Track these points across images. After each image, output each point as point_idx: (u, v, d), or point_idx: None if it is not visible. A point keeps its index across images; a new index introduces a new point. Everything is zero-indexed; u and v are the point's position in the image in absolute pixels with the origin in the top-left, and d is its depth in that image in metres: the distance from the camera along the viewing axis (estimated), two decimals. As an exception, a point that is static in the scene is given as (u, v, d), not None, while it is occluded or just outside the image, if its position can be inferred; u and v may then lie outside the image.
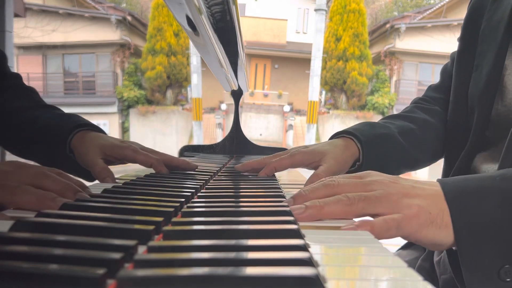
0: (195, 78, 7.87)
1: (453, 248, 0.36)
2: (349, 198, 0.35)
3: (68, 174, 0.42)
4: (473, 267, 0.34)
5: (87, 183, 0.58)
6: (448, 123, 0.66)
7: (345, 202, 0.35)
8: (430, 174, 7.95)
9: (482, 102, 0.55)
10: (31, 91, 0.71)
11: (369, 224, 0.33)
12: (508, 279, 0.33)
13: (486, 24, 0.57)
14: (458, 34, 0.66)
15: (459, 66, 0.62)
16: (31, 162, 0.53)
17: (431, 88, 0.75)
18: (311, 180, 0.52)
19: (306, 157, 0.58)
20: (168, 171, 0.59)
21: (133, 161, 0.60)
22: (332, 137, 0.64)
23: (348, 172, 0.59)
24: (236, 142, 1.06)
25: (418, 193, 0.36)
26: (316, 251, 0.26)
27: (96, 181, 0.59)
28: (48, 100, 0.71)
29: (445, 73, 0.72)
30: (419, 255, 0.66)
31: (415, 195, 0.36)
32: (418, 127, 0.65)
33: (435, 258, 0.62)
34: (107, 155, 0.58)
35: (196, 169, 0.65)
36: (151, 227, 0.28)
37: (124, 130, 10.83)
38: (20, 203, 0.34)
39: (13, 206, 0.34)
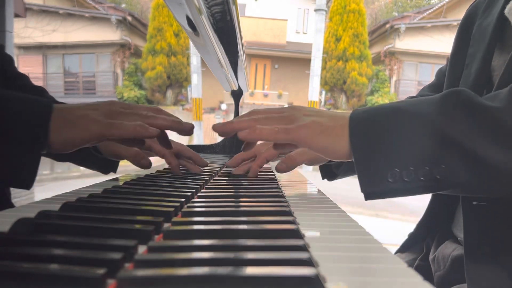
0: (195, 78, 7.87)
1: (344, 160, 0.43)
2: (258, 117, 0.44)
3: (165, 110, 0.47)
4: (366, 171, 0.39)
5: (87, 184, 0.58)
6: None
7: (254, 119, 0.44)
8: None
9: None
10: (41, 90, 0.72)
11: (258, 128, 0.42)
12: (391, 180, 0.38)
13: (477, 29, 0.61)
14: (457, 34, 0.69)
15: (452, 65, 0.66)
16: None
17: (424, 89, 0.79)
18: (283, 160, 0.60)
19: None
20: (178, 164, 0.62)
21: (149, 148, 0.62)
22: None
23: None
24: (236, 142, 1.06)
25: (319, 114, 0.43)
26: (316, 250, 0.26)
27: (106, 177, 0.60)
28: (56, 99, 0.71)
29: (440, 73, 0.76)
30: (416, 257, 0.67)
31: (315, 115, 0.43)
32: None
33: (430, 256, 0.63)
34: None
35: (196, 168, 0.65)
36: (151, 227, 0.28)
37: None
38: (155, 124, 0.43)
39: (118, 135, 0.41)
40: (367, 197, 0.40)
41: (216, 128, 0.45)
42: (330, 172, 0.68)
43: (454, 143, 0.38)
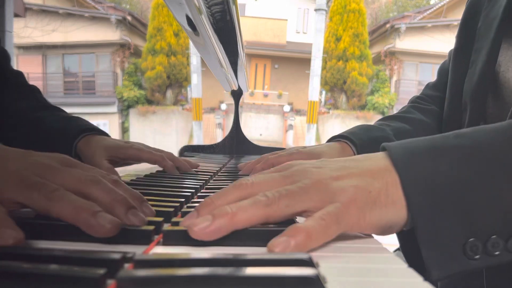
0: (195, 78, 7.87)
1: (404, 228, 0.30)
2: (267, 196, 0.28)
3: (125, 185, 0.33)
4: (435, 245, 0.27)
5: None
6: (444, 119, 0.66)
7: (263, 202, 0.27)
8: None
9: (474, 97, 0.55)
10: (34, 90, 0.71)
11: (303, 230, 0.25)
12: (476, 256, 0.27)
13: (483, 21, 0.57)
14: (457, 33, 0.67)
15: (455, 63, 0.63)
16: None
17: (429, 86, 0.76)
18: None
19: (304, 157, 0.59)
20: (174, 165, 0.60)
21: (138, 159, 0.61)
22: (328, 141, 0.65)
23: None
24: (236, 142, 1.06)
25: (351, 172, 0.30)
26: (315, 251, 0.26)
27: None
28: (48, 100, 0.71)
29: (442, 70, 0.72)
30: None
31: (348, 176, 0.30)
32: (414, 128, 0.66)
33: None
34: (112, 156, 0.59)
35: (196, 169, 0.65)
36: (151, 227, 0.28)
37: (124, 130, 10.83)
38: (53, 211, 0.27)
39: (44, 213, 0.27)
40: (440, 280, 0.29)
41: (198, 231, 0.26)
42: None
43: None
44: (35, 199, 0.27)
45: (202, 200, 0.41)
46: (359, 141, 0.59)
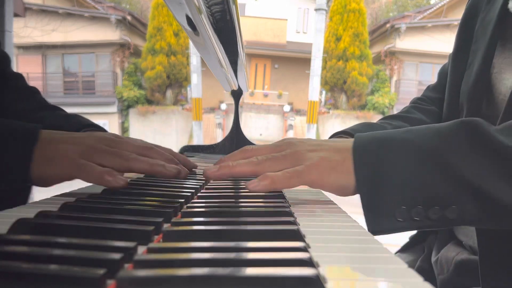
0: (195, 78, 7.87)
1: (353, 194, 0.40)
2: (258, 159, 0.41)
3: (162, 150, 0.47)
4: (372, 208, 0.37)
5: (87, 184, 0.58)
6: (443, 119, 0.67)
7: (254, 162, 0.41)
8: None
9: (470, 98, 0.56)
10: (34, 91, 0.71)
11: (270, 176, 0.38)
12: (400, 219, 0.37)
13: (480, 24, 0.58)
14: (458, 33, 0.67)
15: (454, 64, 0.63)
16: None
17: (429, 88, 0.77)
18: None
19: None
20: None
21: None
22: (331, 137, 0.66)
23: None
24: (236, 142, 1.06)
25: (323, 148, 0.41)
26: (316, 251, 0.26)
27: None
28: (48, 100, 0.71)
29: (442, 73, 0.74)
30: (417, 257, 0.67)
31: (319, 149, 0.40)
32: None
33: (433, 258, 0.63)
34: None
35: (196, 169, 0.65)
36: (151, 228, 0.28)
37: (124, 130, 10.83)
38: (134, 168, 0.41)
39: (125, 170, 0.41)
40: (373, 233, 0.37)
41: (210, 174, 0.42)
42: None
43: (467, 184, 0.36)
44: (117, 162, 0.40)
45: (202, 200, 0.42)
46: None
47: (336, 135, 0.64)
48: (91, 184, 0.54)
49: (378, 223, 0.37)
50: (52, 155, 0.39)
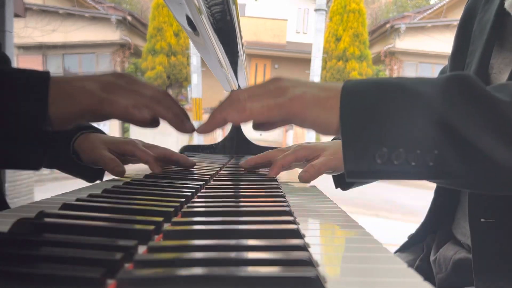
0: (195, 78, 7.87)
1: (336, 134, 0.39)
2: (240, 97, 0.39)
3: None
4: (353, 147, 0.36)
5: (87, 184, 0.58)
6: None
7: (236, 101, 0.39)
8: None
9: None
10: None
11: (247, 108, 0.38)
12: (379, 161, 0.35)
13: (478, 24, 0.58)
14: (458, 34, 0.67)
15: (453, 65, 0.63)
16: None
17: None
18: (306, 169, 0.58)
19: (309, 152, 0.61)
20: (161, 171, 0.60)
21: (133, 154, 0.62)
22: (334, 138, 0.67)
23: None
24: (236, 142, 1.06)
25: (310, 85, 0.39)
26: (316, 251, 0.26)
27: (105, 178, 0.60)
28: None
29: (443, 73, 0.73)
30: (416, 257, 0.67)
31: (305, 86, 0.39)
32: None
33: (431, 258, 0.63)
34: (110, 150, 0.60)
35: (196, 169, 0.65)
36: (151, 227, 0.28)
37: (124, 130, 10.82)
38: (159, 112, 0.40)
39: (143, 110, 0.39)
40: (350, 176, 0.36)
41: (202, 129, 0.41)
42: (343, 181, 0.66)
43: (451, 130, 0.35)
44: (137, 99, 0.40)
45: (202, 200, 0.42)
46: None
47: (338, 138, 0.65)
48: (90, 184, 0.55)
49: (357, 163, 0.35)
50: (70, 91, 0.38)
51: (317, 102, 0.38)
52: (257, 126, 0.43)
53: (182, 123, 0.42)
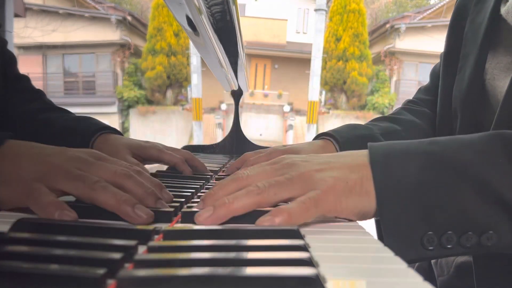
0: (195, 78, 7.87)
1: (374, 218, 0.35)
2: (259, 187, 0.33)
3: (148, 174, 0.39)
4: (396, 234, 0.32)
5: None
6: (436, 124, 0.65)
7: (255, 191, 0.32)
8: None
9: (465, 105, 0.55)
10: (41, 93, 0.71)
11: (285, 210, 0.31)
12: (430, 247, 0.32)
13: (469, 26, 0.57)
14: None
15: (445, 67, 0.62)
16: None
17: (421, 90, 0.75)
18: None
19: (282, 155, 0.58)
20: (191, 170, 0.60)
21: (158, 160, 0.61)
22: (314, 138, 0.64)
23: None
24: (236, 142, 1.06)
25: (332, 166, 0.35)
26: (316, 250, 0.26)
27: None
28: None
29: (434, 74, 0.72)
30: None
31: (329, 168, 0.34)
32: (404, 128, 0.64)
33: (433, 260, 0.62)
34: (134, 154, 0.59)
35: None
36: (151, 227, 0.28)
37: (124, 130, 10.82)
38: (98, 200, 0.32)
39: (89, 201, 0.32)
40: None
41: (203, 220, 0.31)
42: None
43: (507, 206, 0.31)
44: (80, 189, 0.32)
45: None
46: (342, 138, 0.58)
47: (319, 137, 0.62)
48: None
49: (404, 252, 0.31)
50: (6, 176, 0.34)
51: (351, 189, 0.33)
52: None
53: (132, 216, 0.31)
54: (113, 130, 0.63)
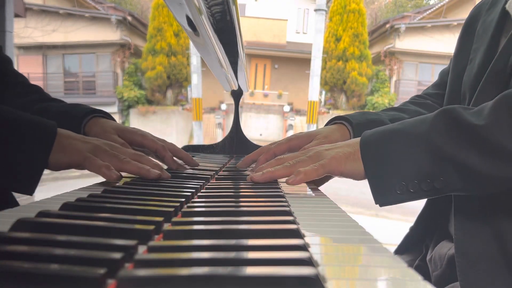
0: (195, 78, 7.87)
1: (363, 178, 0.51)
2: (290, 163, 0.52)
3: (148, 157, 0.55)
4: (377, 185, 0.48)
5: (87, 184, 0.58)
6: (445, 105, 0.68)
7: (288, 166, 0.52)
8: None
9: (473, 88, 0.59)
10: (37, 87, 0.72)
11: (302, 172, 0.49)
12: (399, 192, 0.47)
13: (481, 25, 0.62)
14: (458, 34, 0.72)
15: (456, 62, 0.66)
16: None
17: (429, 87, 0.81)
18: (302, 150, 0.62)
19: (302, 140, 0.65)
20: (172, 157, 0.61)
21: (141, 145, 0.64)
22: (327, 124, 0.71)
23: None
24: (236, 142, 1.06)
25: (336, 146, 0.53)
26: (316, 250, 0.26)
27: (98, 180, 0.60)
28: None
29: (443, 72, 0.77)
30: (415, 257, 0.67)
31: (334, 147, 0.52)
32: (410, 117, 0.67)
33: (428, 257, 0.64)
34: (120, 136, 0.62)
35: (196, 169, 0.65)
36: (151, 227, 0.28)
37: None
38: (125, 169, 0.50)
39: (118, 170, 0.49)
40: (380, 205, 0.49)
41: (256, 178, 0.52)
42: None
43: (448, 159, 0.45)
44: (114, 162, 0.50)
45: (203, 199, 0.42)
46: (355, 121, 0.66)
47: (332, 121, 0.70)
48: (91, 184, 0.54)
49: (383, 196, 0.48)
50: (67, 148, 0.49)
51: (347, 157, 0.50)
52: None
53: (148, 173, 0.50)
54: (104, 114, 0.67)
